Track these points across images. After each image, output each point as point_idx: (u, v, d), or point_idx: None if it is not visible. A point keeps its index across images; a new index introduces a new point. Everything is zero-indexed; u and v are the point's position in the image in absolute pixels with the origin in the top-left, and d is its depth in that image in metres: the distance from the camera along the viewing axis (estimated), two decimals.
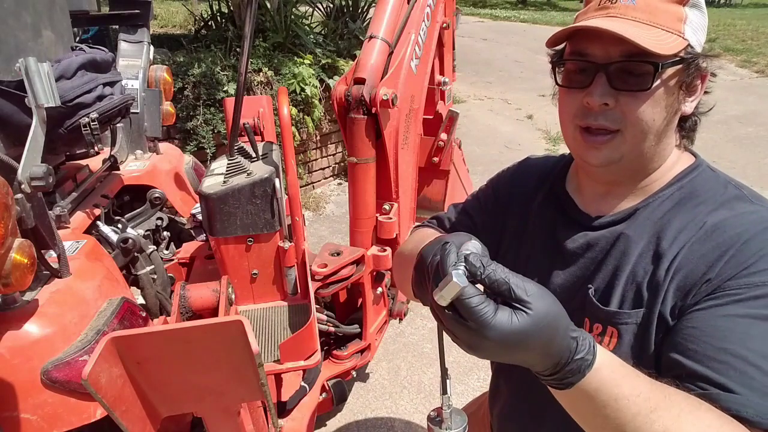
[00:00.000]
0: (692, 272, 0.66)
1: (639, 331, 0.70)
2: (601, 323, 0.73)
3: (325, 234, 3.78)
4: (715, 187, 0.72)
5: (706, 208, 0.70)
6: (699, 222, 0.69)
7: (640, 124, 0.68)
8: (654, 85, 0.65)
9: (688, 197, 0.73)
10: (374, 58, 1.62)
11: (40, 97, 1.08)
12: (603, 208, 0.79)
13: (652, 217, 0.73)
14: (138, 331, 0.80)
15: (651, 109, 0.67)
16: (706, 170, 0.75)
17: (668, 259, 0.69)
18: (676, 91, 0.68)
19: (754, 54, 9.64)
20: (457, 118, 2.21)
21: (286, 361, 1.34)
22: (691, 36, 0.67)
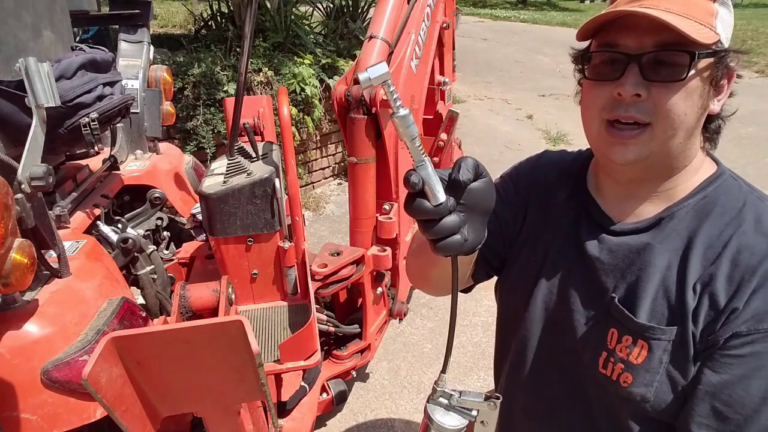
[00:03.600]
0: (719, 294, 0.66)
1: (672, 349, 0.69)
2: (632, 335, 0.72)
3: (325, 234, 3.78)
4: (738, 197, 0.72)
5: (729, 220, 0.70)
6: (724, 237, 0.68)
7: (672, 117, 0.66)
8: (689, 75, 0.64)
9: (710, 209, 0.72)
10: (374, 58, 1.62)
11: (40, 97, 1.08)
12: (626, 212, 0.77)
13: (678, 229, 0.72)
14: (138, 331, 0.80)
15: (683, 102, 0.65)
16: (729, 179, 0.74)
17: (694, 276, 0.69)
18: (707, 85, 0.67)
19: (754, 54, 9.64)
20: (457, 118, 2.21)
21: (286, 361, 1.34)
22: (722, 32, 0.66)
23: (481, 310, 2.89)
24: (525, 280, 0.90)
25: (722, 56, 0.66)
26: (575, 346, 0.80)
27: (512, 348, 0.94)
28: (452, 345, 0.71)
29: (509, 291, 0.95)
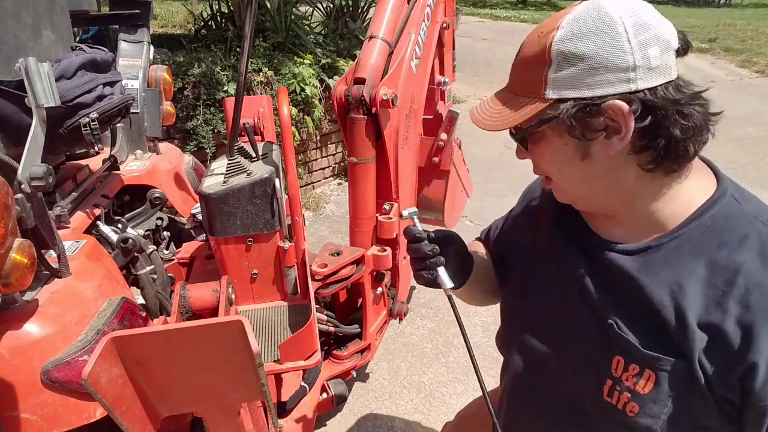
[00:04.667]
0: (732, 340, 0.64)
1: (679, 382, 0.67)
2: (639, 365, 0.70)
3: (325, 234, 3.78)
4: (740, 225, 0.67)
5: (733, 255, 0.65)
6: (727, 273, 0.65)
7: (556, 174, 0.74)
8: (536, 146, 0.72)
9: (708, 238, 0.67)
10: (374, 58, 1.62)
11: (40, 97, 1.08)
12: (613, 233, 0.75)
13: (666, 262, 0.69)
14: (138, 331, 0.80)
15: (554, 160, 0.72)
16: (729, 202, 0.68)
17: (697, 313, 0.66)
18: (572, 139, 0.67)
19: (754, 54, 9.65)
20: (457, 118, 2.21)
21: (286, 361, 1.34)
22: (557, 94, 0.66)
23: (481, 310, 2.89)
24: (521, 294, 0.92)
25: (568, 113, 0.65)
26: (576, 371, 0.79)
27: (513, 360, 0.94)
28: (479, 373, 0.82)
29: (507, 299, 0.97)
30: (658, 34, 0.62)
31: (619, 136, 0.64)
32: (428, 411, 2.21)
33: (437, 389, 2.33)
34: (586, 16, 0.63)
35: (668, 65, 0.63)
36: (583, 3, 0.65)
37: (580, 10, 0.64)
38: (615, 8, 0.62)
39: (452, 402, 2.25)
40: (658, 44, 0.62)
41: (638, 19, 0.62)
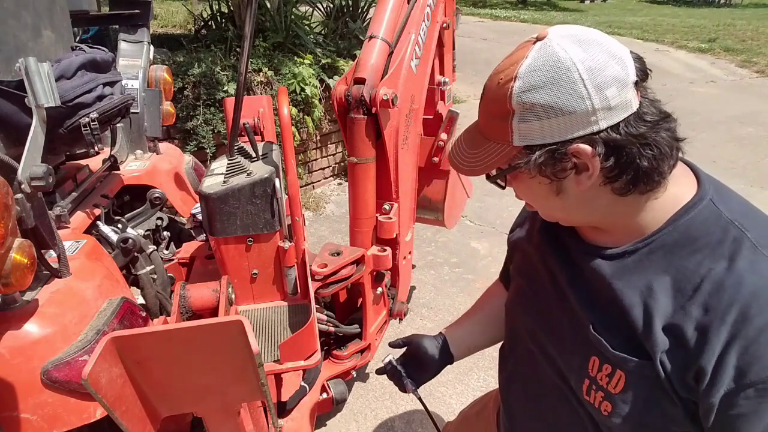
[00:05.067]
0: (690, 342, 0.65)
1: (646, 383, 0.69)
2: (611, 365, 0.73)
3: (325, 234, 3.78)
4: (713, 231, 0.67)
5: (701, 260, 0.66)
6: (696, 279, 0.66)
7: (533, 205, 0.79)
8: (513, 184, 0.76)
9: (681, 244, 0.69)
10: (374, 58, 1.62)
11: (40, 97, 1.08)
12: (598, 239, 0.78)
13: (639, 267, 0.71)
14: (138, 331, 0.80)
15: (533, 197, 0.76)
16: (707, 207, 0.69)
17: (664, 317, 0.67)
18: (544, 179, 0.70)
19: (754, 54, 9.65)
20: (457, 118, 2.21)
21: (286, 361, 1.34)
22: (524, 142, 0.68)
23: None
24: (515, 295, 0.96)
25: (536, 161, 0.67)
26: (563, 371, 0.82)
27: (508, 361, 0.99)
28: None
29: (508, 301, 1.00)
30: (613, 74, 0.63)
31: (588, 173, 0.67)
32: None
33: (437, 389, 2.33)
34: (541, 66, 0.64)
35: (627, 100, 0.64)
36: (537, 48, 0.66)
37: (534, 59, 0.65)
38: (568, 54, 0.63)
39: (452, 402, 2.25)
40: (614, 84, 0.63)
41: (591, 62, 0.63)
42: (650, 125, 0.65)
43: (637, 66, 0.66)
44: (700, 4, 21.42)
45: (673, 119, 0.68)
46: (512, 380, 0.98)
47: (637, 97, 0.65)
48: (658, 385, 0.67)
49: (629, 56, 0.66)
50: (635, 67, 0.65)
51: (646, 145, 0.65)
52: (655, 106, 0.67)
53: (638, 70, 0.66)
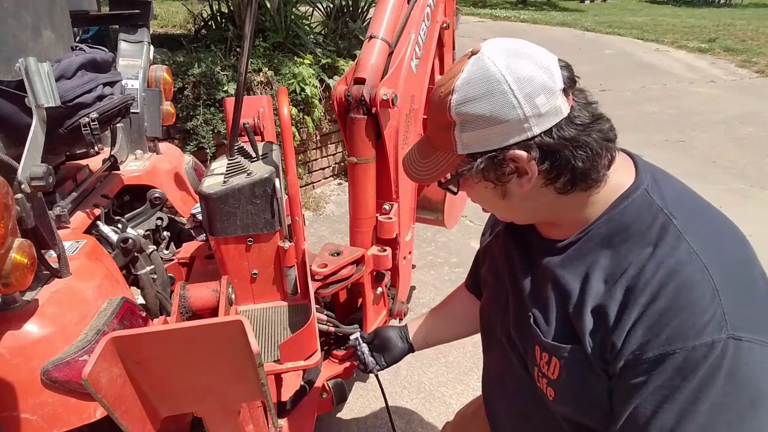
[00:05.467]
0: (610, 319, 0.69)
1: (579, 367, 0.73)
2: (548, 353, 0.78)
3: (325, 234, 3.78)
4: (645, 219, 0.72)
5: (632, 246, 0.71)
6: (625, 264, 0.71)
7: (485, 208, 0.85)
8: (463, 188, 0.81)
9: (615, 232, 0.73)
10: (374, 58, 1.62)
11: (40, 97, 1.08)
12: (552, 233, 0.84)
13: (579, 255, 0.77)
14: (138, 331, 0.80)
15: (482, 200, 0.83)
16: (641, 196, 0.73)
17: (594, 301, 0.72)
18: (489, 183, 0.76)
19: (754, 54, 9.64)
20: None
21: (286, 361, 1.34)
22: (467, 150, 0.74)
23: None
24: (487, 294, 1.02)
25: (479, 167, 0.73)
26: (518, 361, 0.88)
27: (486, 358, 1.07)
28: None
29: (480, 314, 1.07)
30: (540, 83, 0.68)
31: (527, 177, 0.72)
32: (428, 411, 2.21)
33: (437, 389, 2.33)
34: (475, 79, 0.69)
35: (557, 107, 0.69)
36: (472, 62, 0.70)
37: (468, 72, 0.70)
38: (498, 67, 0.68)
39: (452, 402, 2.25)
40: (542, 92, 0.68)
41: (519, 74, 0.68)
42: (581, 128, 0.70)
43: (565, 74, 0.70)
44: (700, 4, 21.43)
45: (606, 120, 0.73)
46: (489, 375, 1.06)
47: (568, 103, 0.70)
48: (589, 367, 0.72)
49: (557, 65, 0.70)
50: (563, 75, 0.70)
51: (578, 146, 0.70)
52: (588, 110, 0.72)
53: (566, 78, 0.70)
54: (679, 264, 0.66)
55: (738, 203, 4.02)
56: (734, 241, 0.72)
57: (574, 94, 0.72)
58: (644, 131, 5.96)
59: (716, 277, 0.64)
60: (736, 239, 0.72)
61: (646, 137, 5.74)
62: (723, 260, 0.67)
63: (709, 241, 0.68)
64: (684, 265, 0.66)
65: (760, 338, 0.62)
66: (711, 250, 0.67)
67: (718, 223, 0.73)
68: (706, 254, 0.66)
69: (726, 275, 0.65)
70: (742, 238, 0.73)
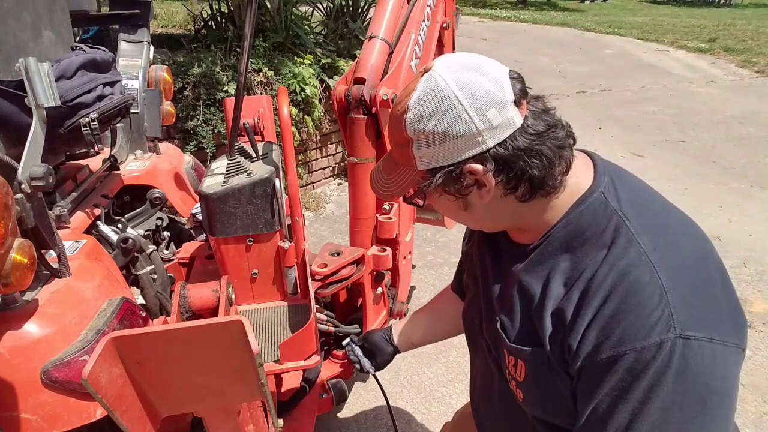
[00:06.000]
0: (567, 322, 0.71)
1: (543, 369, 0.75)
2: (513, 356, 0.80)
3: (325, 234, 3.78)
4: (600, 221, 0.73)
5: (588, 250, 0.73)
6: (581, 267, 0.72)
7: (454, 220, 0.87)
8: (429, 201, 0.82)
9: (573, 236, 0.75)
10: (374, 58, 1.62)
11: (40, 97, 1.08)
12: (520, 238, 0.85)
13: (540, 259, 0.78)
14: (138, 331, 0.80)
15: (445, 212, 0.84)
16: (597, 199, 0.75)
17: (553, 304, 0.73)
18: (449, 196, 0.77)
19: (754, 54, 9.65)
20: None
21: (286, 361, 1.34)
22: (426, 166, 0.75)
23: None
24: (468, 298, 1.04)
25: (437, 182, 0.74)
26: (493, 364, 0.90)
27: (472, 361, 1.09)
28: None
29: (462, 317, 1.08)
30: (490, 97, 0.69)
31: (486, 188, 0.74)
32: (428, 411, 2.21)
33: (437, 389, 2.33)
34: (426, 97, 0.70)
35: (509, 118, 0.70)
36: (424, 80, 0.72)
37: (421, 91, 0.71)
38: (447, 83, 0.69)
39: (452, 402, 2.25)
40: (493, 106, 0.69)
41: (469, 89, 0.69)
42: (534, 137, 0.71)
43: (517, 86, 0.71)
44: (700, 4, 21.43)
45: (561, 127, 0.74)
46: (474, 377, 1.07)
47: (521, 113, 0.71)
48: (551, 368, 0.74)
49: (507, 78, 0.71)
50: (515, 87, 0.71)
51: (532, 156, 0.71)
52: (543, 118, 0.72)
53: (518, 90, 0.71)
54: (629, 266, 0.67)
55: (738, 203, 4.02)
56: (688, 238, 0.72)
57: (531, 103, 0.73)
58: (644, 131, 5.96)
59: (664, 277, 0.65)
60: (689, 236, 0.73)
61: (646, 137, 5.74)
62: (673, 259, 0.68)
63: (659, 240, 0.69)
64: (634, 267, 0.67)
65: (709, 336, 0.63)
66: (661, 249, 0.68)
67: (673, 221, 0.74)
68: (655, 254, 0.67)
69: (675, 274, 0.66)
70: (697, 235, 0.73)
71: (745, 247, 3.40)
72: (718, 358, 0.63)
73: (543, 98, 0.75)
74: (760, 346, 2.58)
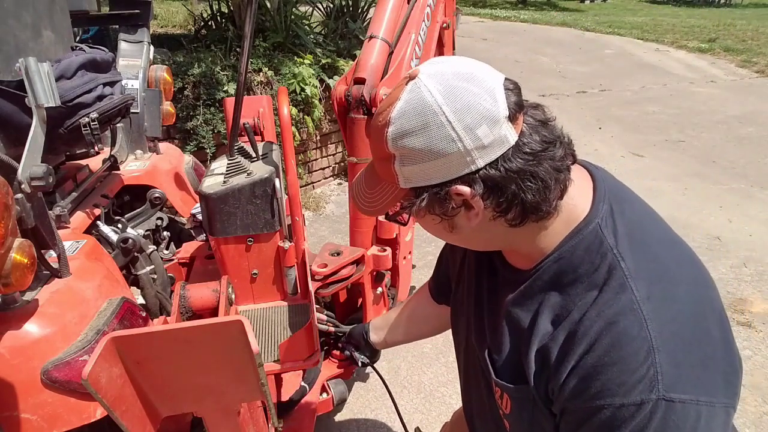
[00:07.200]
0: (551, 363, 0.68)
1: (528, 405, 0.73)
2: (499, 389, 0.78)
3: (325, 234, 3.78)
4: (594, 259, 0.67)
5: (579, 289, 0.67)
6: (570, 306, 0.68)
7: (440, 238, 0.78)
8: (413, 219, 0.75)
9: (565, 271, 0.69)
10: (374, 58, 1.62)
11: (40, 97, 1.08)
12: (513, 260, 0.80)
13: (530, 293, 0.73)
14: (138, 331, 0.80)
15: (430, 231, 0.76)
16: (592, 232, 0.68)
17: (540, 340, 0.70)
18: (436, 216, 0.69)
19: (754, 54, 9.65)
20: None
21: (286, 361, 1.34)
22: (409, 185, 0.68)
23: None
24: (453, 316, 1.02)
25: (421, 203, 0.67)
26: (482, 389, 0.88)
27: (460, 381, 1.10)
28: None
29: (452, 326, 1.06)
30: (481, 111, 0.61)
31: (474, 211, 0.67)
32: (428, 411, 2.21)
33: (437, 389, 2.33)
34: (409, 111, 0.62)
35: (502, 136, 0.62)
36: (408, 89, 0.64)
37: (404, 102, 0.63)
38: (433, 96, 0.61)
39: (452, 402, 2.25)
40: (484, 122, 0.61)
41: (458, 104, 0.61)
42: (530, 157, 0.63)
43: (512, 99, 0.63)
44: (700, 4, 21.43)
45: (561, 145, 0.67)
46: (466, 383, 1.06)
47: (516, 129, 0.63)
48: (536, 405, 0.71)
49: (501, 89, 0.63)
50: (510, 100, 0.63)
51: (526, 179, 0.64)
52: (540, 134, 0.65)
53: (513, 104, 0.63)
54: (617, 315, 0.63)
55: (738, 203, 4.02)
56: (687, 285, 0.66)
57: (528, 113, 0.66)
58: (644, 131, 5.96)
59: (654, 332, 0.61)
60: (690, 282, 0.66)
61: (646, 137, 5.74)
62: (668, 312, 0.63)
63: (656, 288, 0.64)
64: (623, 317, 0.62)
65: (696, 397, 0.59)
66: (655, 299, 0.63)
67: (673, 263, 0.67)
68: (648, 304, 0.62)
69: (667, 330, 0.61)
70: (699, 280, 0.67)
71: (745, 247, 3.40)
72: (702, 421, 0.59)
73: (542, 107, 0.68)
74: (760, 346, 2.58)
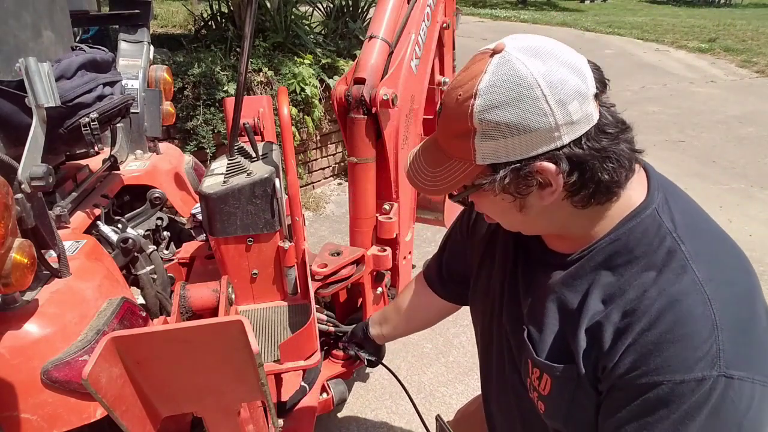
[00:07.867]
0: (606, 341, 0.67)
1: (572, 385, 0.72)
2: (539, 369, 0.76)
3: (325, 234, 3.78)
4: (652, 241, 0.68)
5: (635, 269, 0.68)
6: (626, 286, 0.68)
7: (497, 220, 0.79)
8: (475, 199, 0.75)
9: (620, 252, 0.70)
10: (374, 58, 1.62)
11: (40, 97, 1.08)
12: (557, 245, 0.80)
13: (581, 273, 0.73)
14: (138, 331, 0.80)
15: (496, 211, 0.76)
16: (650, 216, 0.69)
17: (590, 320, 0.69)
18: (508, 196, 0.69)
19: (754, 54, 9.65)
20: None
21: (286, 361, 1.34)
22: (487, 161, 0.67)
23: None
24: (479, 302, 1.00)
25: (501, 180, 0.66)
26: (511, 371, 0.87)
27: (480, 364, 1.06)
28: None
29: (472, 311, 1.05)
30: (574, 87, 0.62)
31: (551, 189, 0.67)
32: (428, 411, 2.21)
33: (437, 389, 2.33)
34: (502, 83, 0.62)
35: (589, 113, 0.63)
36: (497, 62, 0.63)
37: (493, 75, 0.62)
38: (528, 69, 0.61)
39: (452, 402, 2.25)
40: (576, 98, 0.62)
41: (552, 77, 0.61)
42: (611, 137, 0.65)
43: (596, 77, 0.65)
44: (700, 4, 21.43)
45: (630, 129, 0.68)
46: (488, 376, 1.03)
47: (597, 109, 0.64)
48: (580, 385, 0.71)
49: (587, 67, 0.65)
50: (594, 78, 0.65)
51: (606, 158, 0.65)
52: (613, 116, 0.66)
53: (597, 81, 0.65)
54: (681, 294, 0.63)
55: (738, 203, 4.02)
56: (741, 271, 0.68)
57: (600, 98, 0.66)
58: (644, 131, 5.96)
59: (718, 311, 0.62)
60: (743, 269, 0.69)
61: (647, 137, 5.74)
62: (728, 293, 0.64)
63: (715, 270, 0.65)
64: (686, 296, 0.63)
65: (752, 376, 0.61)
66: (717, 281, 0.64)
67: (724, 251, 0.70)
68: (710, 285, 0.63)
69: (728, 309, 0.63)
70: (749, 268, 0.69)
71: (745, 247, 3.32)
72: (756, 399, 0.61)
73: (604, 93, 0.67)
74: None
